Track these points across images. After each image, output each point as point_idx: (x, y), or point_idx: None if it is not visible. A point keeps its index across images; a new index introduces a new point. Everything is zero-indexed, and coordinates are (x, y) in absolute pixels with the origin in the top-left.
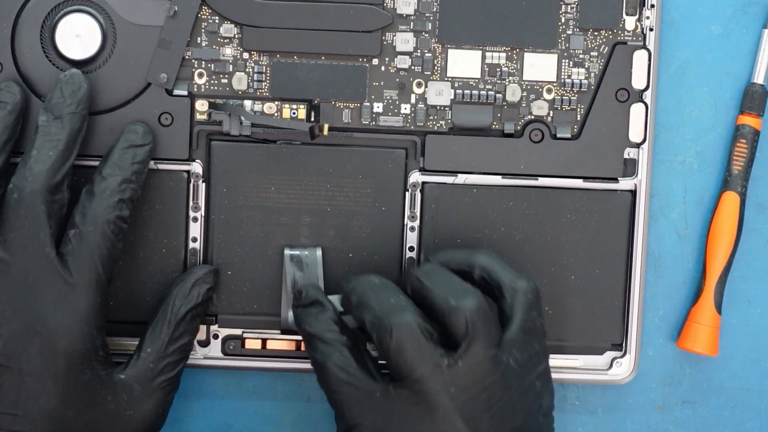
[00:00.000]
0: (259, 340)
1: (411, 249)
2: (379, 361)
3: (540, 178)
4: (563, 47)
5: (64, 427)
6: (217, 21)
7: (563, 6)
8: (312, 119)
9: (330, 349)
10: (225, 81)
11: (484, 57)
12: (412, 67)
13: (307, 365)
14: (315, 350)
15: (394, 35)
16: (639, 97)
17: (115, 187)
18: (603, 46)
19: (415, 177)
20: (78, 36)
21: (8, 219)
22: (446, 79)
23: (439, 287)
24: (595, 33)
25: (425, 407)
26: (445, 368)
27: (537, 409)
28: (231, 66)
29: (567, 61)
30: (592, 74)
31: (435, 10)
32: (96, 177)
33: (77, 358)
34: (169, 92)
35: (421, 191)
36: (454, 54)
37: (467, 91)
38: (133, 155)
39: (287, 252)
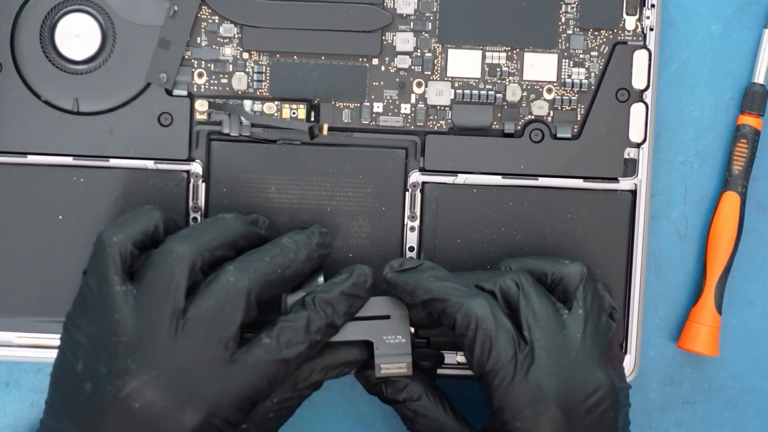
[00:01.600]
0: None
1: (411, 249)
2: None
3: (540, 178)
4: (563, 47)
5: None
6: (216, 21)
7: (563, 6)
8: (312, 119)
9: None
10: (225, 81)
11: (484, 57)
12: (412, 67)
13: None
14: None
15: (394, 35)
16: (639, 97)
17: (321, 327)
18: (603, 46)
19: (415, 177)
20: (78, 36)
21: (209, 297)
22: (446, 79)
23: (543, 262)
24: (595, 33)
25: None
26: None
27: None
28: (231, 66)
29: (567, 61)
30: (593, 74)
31: (435, 10)
32: (308, 300)
33: None
34: (169, 92)
35: (421, 191)
36: (454, 54)
37: (467, 91)
38: (350, 305)
39: None
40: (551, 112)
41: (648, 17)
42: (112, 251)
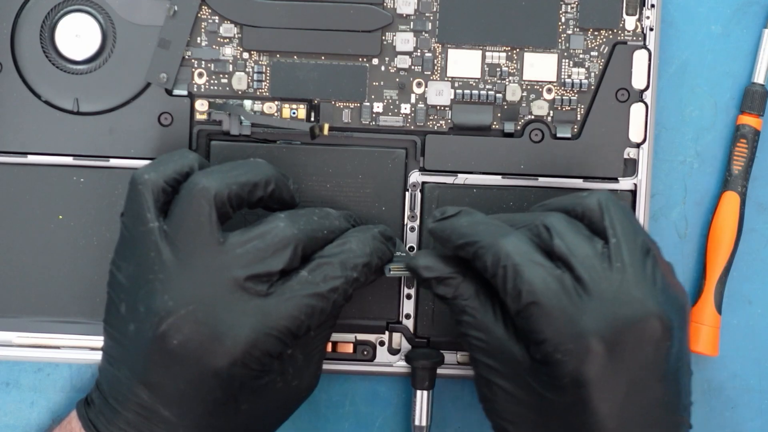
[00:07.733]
0: None
1: (411, 249)
2: None
3: (540, 178)
4: (563, 47)
5: (236, 421)
6: (216, 21)
7: (563, 6)
8: (312, 119)
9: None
10: (225, 81)
11: (484, 57)
12: (412, 67)
13: None
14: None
15: (394, 35)
16: (639, 97)
17: (358, 264)
18: (603, 46)
19: (415, 177)
20: (78, 36)
21: (254, 236)
22: (446, 79)
23: (563, 201)
24: (595, 33)
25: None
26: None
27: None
28: (231, 66)
29: (567, 61)
30: (592, 74)
31: (435, 10)
32: (347, 241)
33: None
34: (169, 92)
35: (421, 191)
36: (454, 54)
37: (467, 91)
38: (384, 250)
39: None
40: (551, 112)
41: (648, 17)
42: (144, 189)
